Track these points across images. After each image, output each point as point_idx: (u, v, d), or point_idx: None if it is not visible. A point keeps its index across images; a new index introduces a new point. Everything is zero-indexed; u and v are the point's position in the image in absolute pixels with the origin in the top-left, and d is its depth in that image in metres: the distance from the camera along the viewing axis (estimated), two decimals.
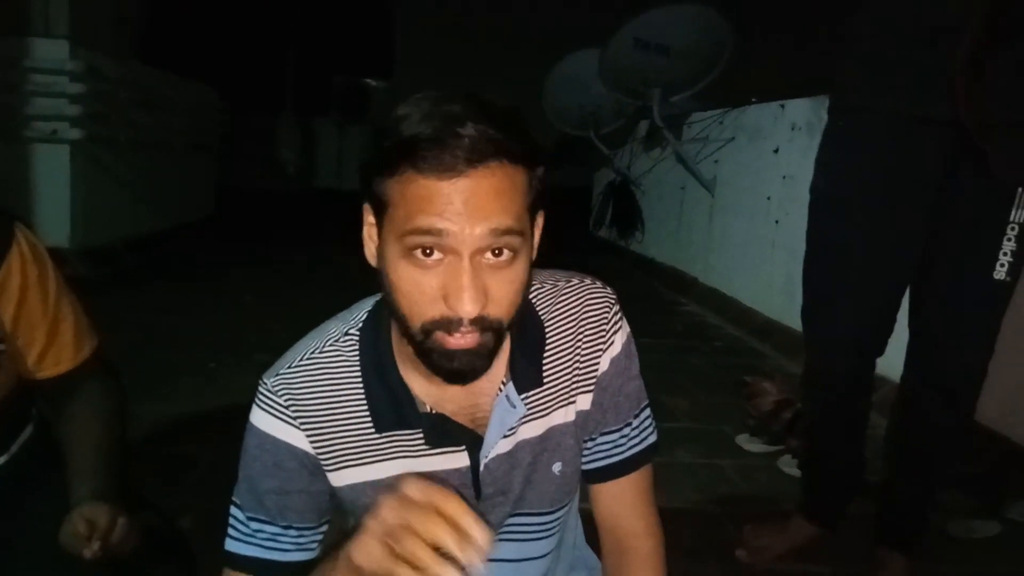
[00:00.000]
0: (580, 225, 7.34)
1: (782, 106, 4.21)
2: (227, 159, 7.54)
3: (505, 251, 0.68)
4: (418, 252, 0.66)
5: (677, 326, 4.38)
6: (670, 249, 5.84)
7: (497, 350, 0.73)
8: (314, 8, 11.43)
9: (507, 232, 0.67)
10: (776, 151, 4.23)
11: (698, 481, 2.28)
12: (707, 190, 5.07)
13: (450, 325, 0.68)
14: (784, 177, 4.13)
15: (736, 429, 2.68)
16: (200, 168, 6.82)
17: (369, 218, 0.73)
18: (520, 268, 0.70)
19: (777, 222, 4.18)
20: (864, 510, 2.18)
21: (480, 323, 0.68)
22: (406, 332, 0.71)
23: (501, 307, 0.69)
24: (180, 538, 1.16)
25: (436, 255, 0.66)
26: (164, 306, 3.98)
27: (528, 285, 0.73)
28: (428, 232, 0.65)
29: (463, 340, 0.69)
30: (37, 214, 4.29)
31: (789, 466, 2.36)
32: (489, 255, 0.67)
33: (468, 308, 0.66)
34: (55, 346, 1.03)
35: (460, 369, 0.70)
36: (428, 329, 0.69)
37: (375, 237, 0.73)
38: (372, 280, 0.75)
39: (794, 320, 4.04)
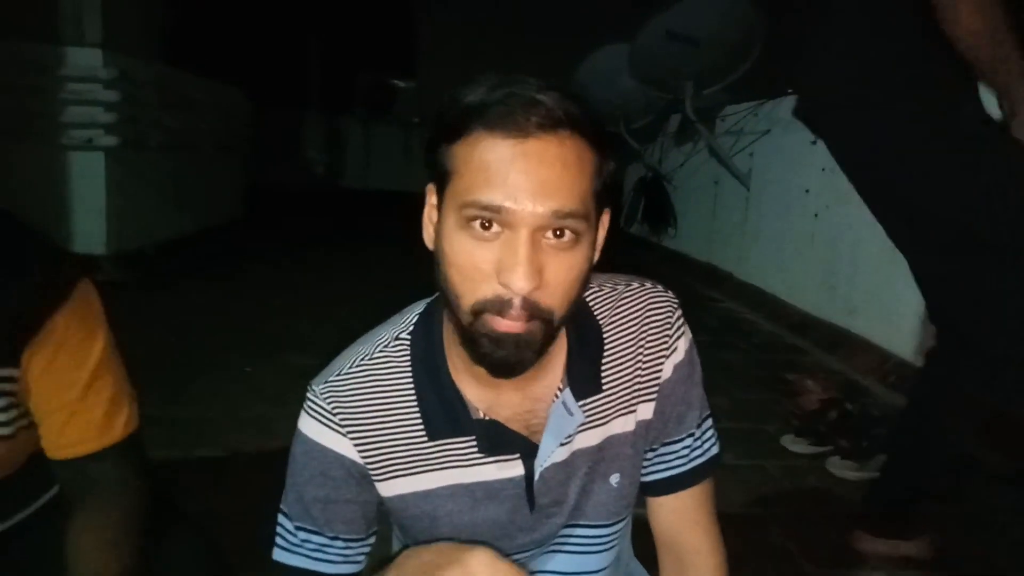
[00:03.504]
0: (611, 221, 7.25)
1: None
2: (255, 160, 7.58)
3: (567, 233, 0.65)
4: (476, 224, 0.64)
5: (712, 322, 4.29)
6: (704, 244, 5.73)
7: (546, 346, 0.69)
8: (337, 6, 11.47)
9: (570, 215, 0.64)
10: (814, 142, 4.11)
11: (743, 483, 2.20)
12: (742, 184, 4.96)
13: (502, 306, 0.64)
14: (823, 169, 4.02)
15: (778, 428, 2.59)
16: (229, 169, 6.87)
17: (431, 198, 0.71)
18: (580, 256, 0.67)
19: (816, 215, 4.07)
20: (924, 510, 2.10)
21: (530, 308, 0.65)
22: (456, 314, 0.68)
23: (555, 295, 0.66)
24: (213, 546, 1.13)
25: (495, 228, 0.64)
26: (196, 308, 3.99)
27: (586, 280, 0.70)
28: (488, 208, 0.63)
29: (512, 325, 0.65)
30: (73, 221, 4.34)
31: (838, 468, 2.27)
32: (550, 235, 0.64)
33: (521, 283, 0.63)
34: (77, 422, 0.88)
35: (506, 358, 0.67)
36: (478, 310, 0.66)
37: (435, 218, 0.70)
38: (404, 277, 0.71)
39: (833, 315, 3.95)
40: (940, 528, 1.86)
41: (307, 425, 0.77)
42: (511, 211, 0.62)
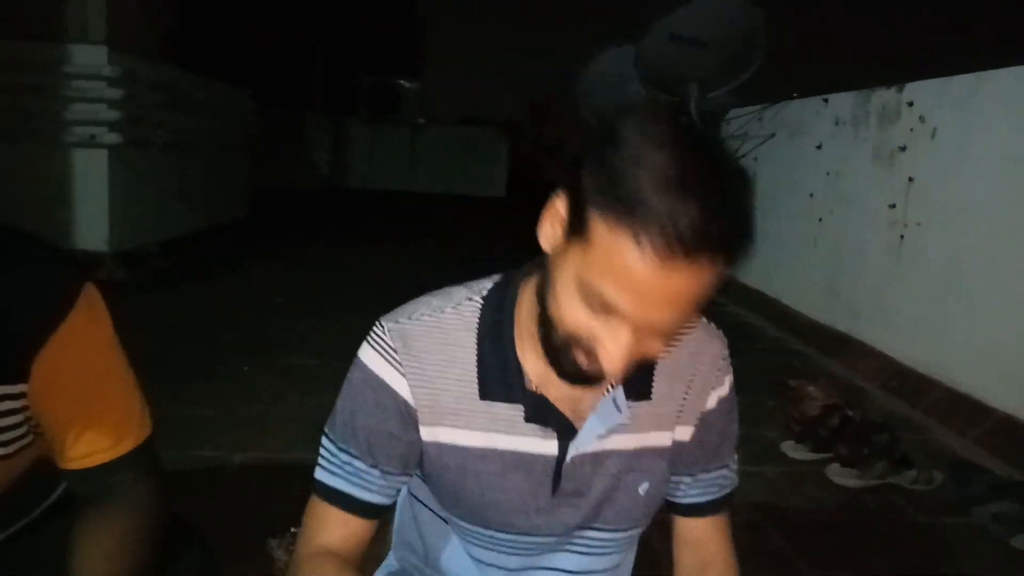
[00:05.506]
0: None
1: (825, 100, 4.09)
2: (260, 160, 7.59)
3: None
4: (592, 302, 0.65)
5: (714, 327, 4.27)
6: None
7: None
8: (343, 8, 11.48)
9: (681, 323, 0.66)
10: (819, 147, 4.10)
11: (742, 489, 2.17)
12: None
13: (592, 355, 0.67)
14: (828, 173, 4.01)
15: (780, 434, 2.58)
16: (233, 169, 6.88)
17: (561, 211, 0.68)
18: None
19: (820, 219, 4.05)
20: (919, 519, 2.09)
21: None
22: (547, 330, 0.70)
23: (648, 356, 0.70)
24: (203, 545, 1.11)
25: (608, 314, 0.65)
26: (196, 308, 3.99)
27: None
28: (608, 305, 0.63)
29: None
30: (76, 219, 4.35)
31: (838, 475, 2.25)
32: None
33: (614, 372, 0.66)
34: (90, 433, 0.85)
35: (587, 384, 0.71)
36: (572, 342, 0.68)
37: (559, 233, 0.68)
38: (405, 278, 0.70)
39: (837, 320, 3.94)
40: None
41: (369, 356, 0.80)
42: (630, 316, 0.63)
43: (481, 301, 0.81)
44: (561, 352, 0.69)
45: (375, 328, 0.80)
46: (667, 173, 0.59)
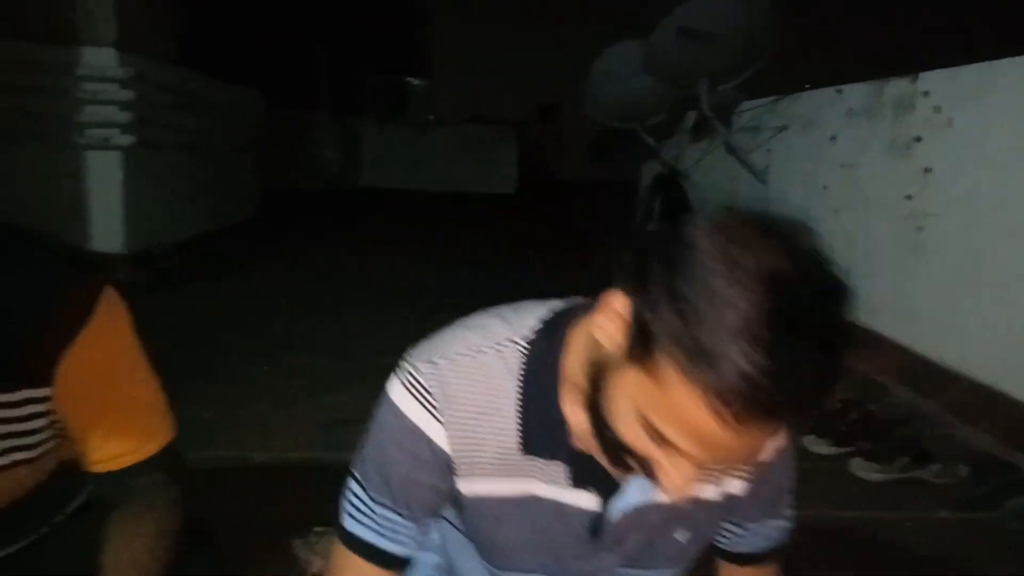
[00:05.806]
0: (627, 219, 7.20)
1: (839, 91, 4.04)
2: (269, 160, 7.59)
3: None
4: (655, 436, 0.60)
5: None
6: None
7: None
8: (347, 7, 11.47)
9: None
10: (833, 138, 4.06)
11: None
12: (759, 180, 4.91)
13: (650, 471, 0.64)
14: (842, 165, 3.96)
15: (799, 429, 2.55)
16: (243, 169, 6.88)
17: (622, 313, 0.59)
18: None
19: (836, 211, 4.01)
20: (942, 515, 2.06)
21: None
22: (600, 426, 0.65)
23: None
24: (206, 545, 1.10)
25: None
26: (204, 308, 3.99)
27: None
28: (671, 445, 0.59)
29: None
30: (91, 221, 4.36)
31: (861, 469, 2.22)
32: None
33: (673, 498, 0.63)
34: (116, 436, 0.85)
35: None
36: (626, 453, 0.64)
37: (619, 339, 0.60)
38: (410, 278, 0.68)
39: (854, 313, 3.87)
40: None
41: (404, 400, 0.74)
42: (696, 460, 0.59)
43: (526, 347, 0.74)
44: (616, 455, 0.64)
45: (408, 367, 0.74)
46: (750, 321, 0.50)
